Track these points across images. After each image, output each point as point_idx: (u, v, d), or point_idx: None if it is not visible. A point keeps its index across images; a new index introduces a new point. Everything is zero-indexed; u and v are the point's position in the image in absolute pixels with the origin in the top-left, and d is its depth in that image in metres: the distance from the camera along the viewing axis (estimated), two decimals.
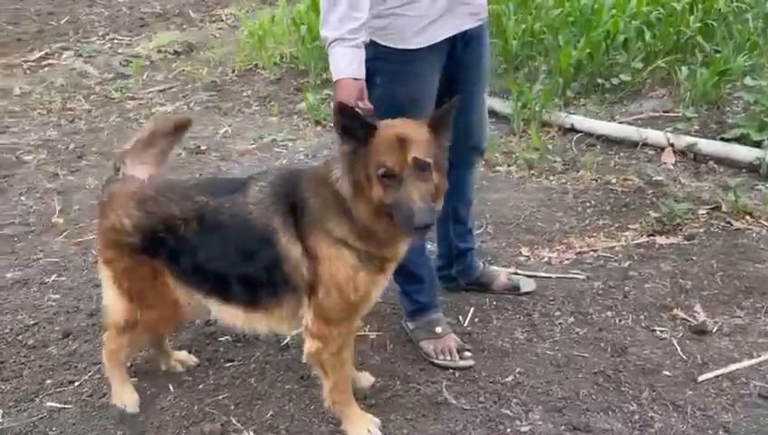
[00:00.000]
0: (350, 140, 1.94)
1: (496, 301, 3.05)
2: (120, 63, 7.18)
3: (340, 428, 2.33)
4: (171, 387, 2.57)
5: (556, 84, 5.39)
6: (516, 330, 2.86)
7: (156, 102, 6.14)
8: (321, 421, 2.37)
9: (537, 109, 5.00)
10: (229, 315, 2.29)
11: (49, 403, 2.49)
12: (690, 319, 2.87)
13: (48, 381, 2.60)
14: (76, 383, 2.58)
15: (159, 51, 7.51)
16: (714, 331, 2.80)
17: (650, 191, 3.99)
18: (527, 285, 3.09)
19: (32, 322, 2.97)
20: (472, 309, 2.99)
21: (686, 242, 3.47)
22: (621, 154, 4.59)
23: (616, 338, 2.78)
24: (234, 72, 6.91)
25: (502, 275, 3.10)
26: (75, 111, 6.01)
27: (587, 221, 3.77)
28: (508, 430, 2.33)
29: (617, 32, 5.53)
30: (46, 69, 7.12)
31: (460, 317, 2.95)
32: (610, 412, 2.40)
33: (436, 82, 2.41)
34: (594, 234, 3.63)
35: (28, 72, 7.07)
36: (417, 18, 2.24)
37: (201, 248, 2.17)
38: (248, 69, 6.90)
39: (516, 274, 3.22)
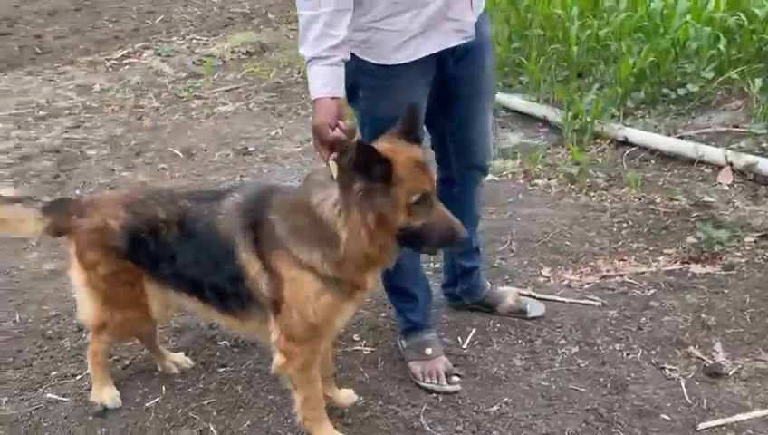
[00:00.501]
0: (364, 175, 1.87)
1: (501, 323, 2.95)
2: (194, 63, 7.46)
3: None
4: (163, 388, 2.65)
5: (615, 94, 5.14)
6: (515, 356, 2.75)
7: (219, 102, 6.33)
8: (295, 433, 2.37)
9: (589, 119, 4.78)
10: (211, 316, 2.35)
11: (49, 395, 2.62)
12: (706, 359, 2.67)
13: (53, 373, 2.74)
14: (77, 377, 2.71)
15: (233, 51, 7.75)
16: (729, 374, 2.58)
17: (695, 214, 3.73)
18: (535, 310, 2.97)
19: (54, 313, 3.13)
20: (474, 330, 2.91)
21: (722, 272, 3.22)
22: (675, 171, 4.32)
23: (619, 373, 2.62)
24: (299, 73, 7.03)
25: (509, 296, 2.99)
26: (144, 108, 6.30)
27: (620, 243, 3.57)
28: None
29: (686, 39, 5.21)
30: (126, 67, 7.51)
31: (460, 338, 2.87)
32: None
33: (421, 98, 2.35)
34: (625, 257, 3.44)
35: (110, 69, 7.48)
36: (397, 33, 2.19)
37: (179, 253, 2.22)
38: None
39: (530, 295, 3.10)
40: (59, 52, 8.18)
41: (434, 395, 2.55)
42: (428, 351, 2.64)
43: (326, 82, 2.03)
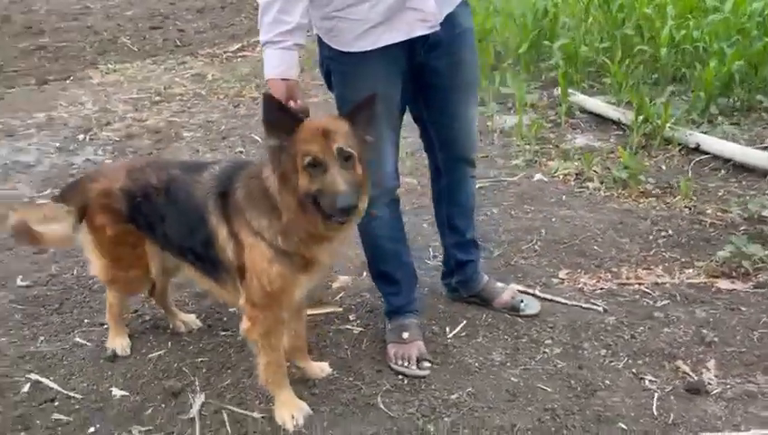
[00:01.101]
0: (277, 133, 2.05)
1: (493, 318, 2.96)
2: (301, 57, 7.88)
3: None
4: (169, 344, 2.94)
5: (697, 99, 4.86)
6: (495, 351, 2.77)
7: (309, 94, 6.67)
8: (263, 399, 2.56)
9: (659, 123, 4.57)
10: (198, 280, 2.59)
11: (77, 338, 3.00)
12: (692, 375, 2.54)
13: (86, 321, 3.13)
14: (105, 326, 3.07)
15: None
16: (712, 392, 2.45)
17: (743, 228, 3.49)
18: (531, 308, 2.95)
19: None
20: (464, 322, 2.95)
21: (750, 290, 3.02)
22: (743, 183, 4.06)
23: (593, 378, 2.56)
24: None
25: (506, 292, 2.99)
26: (244, 97, 6.78)
27: (652, 252, 3.43)
28: None
29: None
30: (239, 59, 8.10)
31: (448, 328, 2.92)
32: None
33: (390, 87, 2.42)
34: (651, 266, 3.31)
35: (224, 61, 8.11)
36: (357, 22, 2.28)
37: (166, 217, 2.47)
38: None
39: (532, 295, 3.08)
40: (196, 45, 8.99)
41: (400, 377, 2.63)
42: (405, 335, 2.72)
43: (277, 65, 2.19)
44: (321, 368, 2.68)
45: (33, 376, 2.74)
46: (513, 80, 5.41)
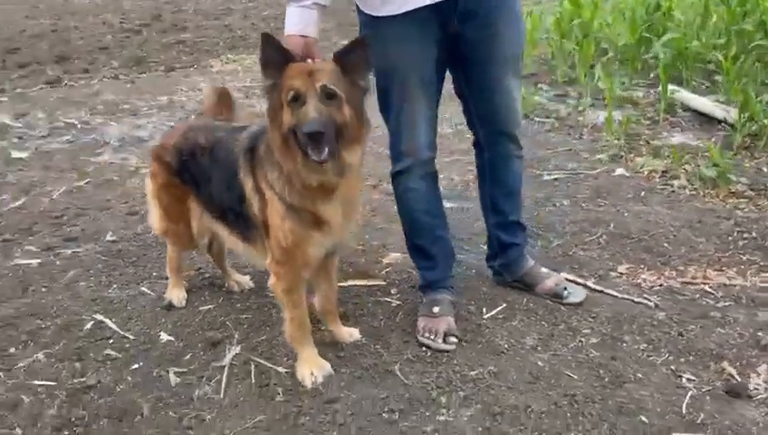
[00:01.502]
0: (271, 73, 2.14)
1: (534, 304, 2.88)
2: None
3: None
4: (220, 300, 3.12)
5: None
6: (529, 335, 2.69)
7: None
8: (292, 356, 2.65)
9: (766, 123, 4.21)
10: (232, 243, 2.73)
11: (143, 288, 3.26)
12: (736, 378, 2.33)
13: (155, 274, 3.38)
14: (168, 280, 3.31)
15: None
16: (755, 397, 2.24)
17: None
18: (575, 296, 2.84)
19: None
20: (503, 305, 2.89)
21: None
22: None
23: (624, 370, 2.43)
24: None
25: (551, 279, 2.89)
26: None
27: (727, 253, 3.18)
28: (426, 413, 2.30)
29: None
30: None
31: (485, 309, 2.87)
32: None
33: (421, 53, 2.41)
34: (723, 268, 3.07)
35: None
36: None
37: (208, 175, 2.63)
38: None
39: (582, 284, 2.96)
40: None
41: (424, 350, 2.63)
42: (436, 309, 2.71)
43: (297, 22, 2.28)
44: (350, 333, 2.73)
45: (98, 316, 3.01)
46: (604, 74, 5.18)
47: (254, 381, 2.53)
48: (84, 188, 4.62)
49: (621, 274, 3.10)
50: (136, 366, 2.66)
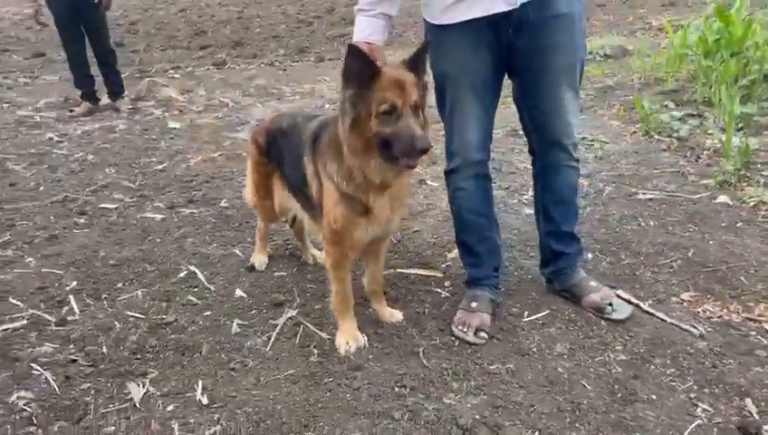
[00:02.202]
0: (354, 83, 2.31)
1: (576, 314, 2.91)
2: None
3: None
4: (294, 269, 3.48)
5: None
6: (561, 343, 2.74)
7: None
8: (336, 325, 2.92)
9: None
10: (305, 219, 3.05)
11: (235, 250, 3.71)
12: (755, 416, 2.26)
13: (249, 239, 3.80)
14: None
15: (590, 52, 7.97)
16: None
17: None
18: (618, 313, 2.84)
19: None
20: (546, 312, 2.95)
21: None
22: None
23: (639, 390, 2.43)
24: (640, 78, 6.94)
25: (598, 293, 2.90)
26: None
27: None
28: (434, 394, 2.46)
29: None
30: None
31: (527, 313, 2.96)
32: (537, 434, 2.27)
33: (474, 60, 2.54)
34: None
35: None
36: None
37: (285, 155, 2.95)
38: (656, 77, 6.83)
39: (631, 302, 2.94)
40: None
41: (453, 339, 2.78)
42: (474, 305, 2.85)
43: (363, 29, 2.51)
44: (391, 314, 2.94)
45: (192, 268, 3.49)
46: (726, 94, 4.88)
47: (297, 341, 2.83)
48: (216, 160, 5.23)
49: (683, 301, 3.02)
50: (208, 313, 3.07)
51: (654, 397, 2.39)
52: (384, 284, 3.01)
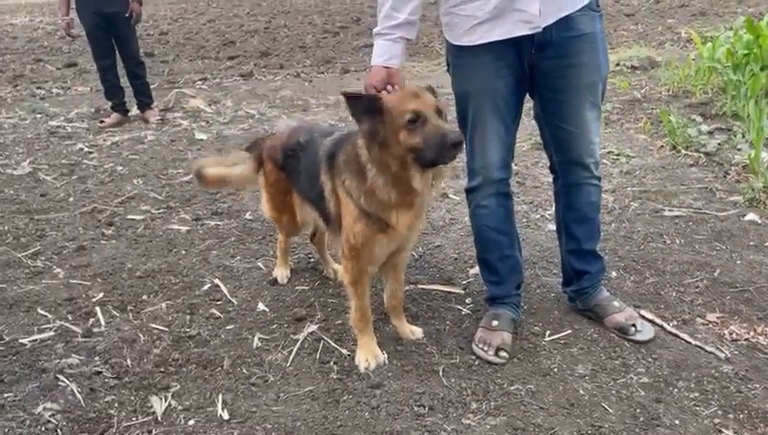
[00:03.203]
0: (366, 118, 2.35)
1: (599, 335, 2.88)
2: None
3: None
4: (316, 283, 3.50)
5: None
6: (582, 364, 2.71)
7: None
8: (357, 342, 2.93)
9: None
10: (326, 230, 3.06)
11: (258, 263, 3.73)
12: None
13: (271, 253, 3.84)
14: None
15: (618, 64, 7.91)
16: None
17: None
18: (642, 335, 2.81)
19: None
20: (568, 331, 2.93)
21: None
22: None
23: (663, 414, 2.39)
24: (668, 91, 6.86)
25: (621, 313, 2.87)
26: None
27: None
28: (453, 414, 2.45)
29: None
30: None
31: (549, 332, 2.93)
32: None
33: (496, 81, 2.54)
34: None
35: None
36: (466, 18, 2.47)
37: (302, 171, 2.96)
38: (684, 90, 6.75)
39: (653, 323, 2.91)
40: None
41: (474, 358, 2.77)
42: (494, 323, 2.84)
43: (382, 54, 2.52)
44: (412, 330, 2.94)
45: (216, 281, 3.53)
46: (753, 108, 4.79)
47: (318, 356, 2.85)
48: None
49: (708, 322, 2.98)
50: (230, 327, 3.11)
51: (677, 422, 2.36)
52: (403, 299, 3.00)
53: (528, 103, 2.79)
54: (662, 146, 5.20)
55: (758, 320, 2.97)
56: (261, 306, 3.28)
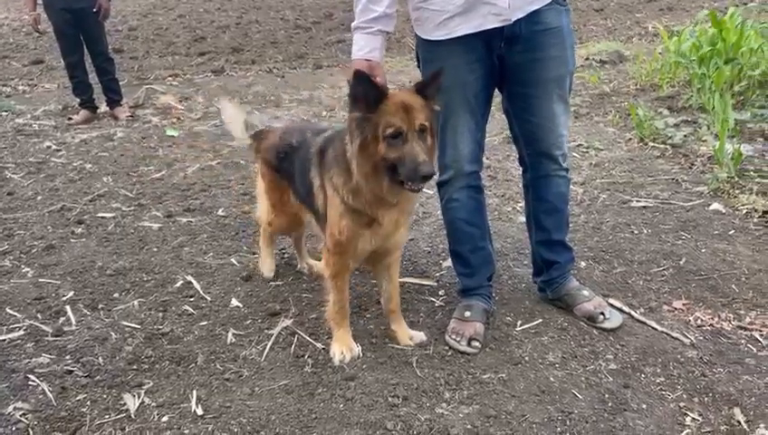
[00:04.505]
0: (361, 106, 2.34)
1: (569, 323, 2.94)
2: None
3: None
4: (290, 278, 3.50)
5: None
6: (552, 352, 2.77)
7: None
8: (331, 335, 2.94)
9: None
10: (317, 228, 3.05)
11: (232, 259, 3.72)
12: (743, 425, 2.29)
13: (245, 248, 3.84)
14: (255, 255, 3.73)
15: (587, 58, 8.01)
16: None
17: None
18: (610, 322, 2.87)
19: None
20: (539, 321, 2.98)
21: None
22: None
23: (630, 399, 2.45)
24: (636, 84, 6.98)
25: (590, 302, 2.93)
26: None
27: None
28: (427, 404, 2.48)
29: None
30: None
31: (520, 322, 2.98)
32: None
33: (466, 74, 2.57)
34: None
35: None
36: (436, 12, 2.50)
37: (295, 169, 2.96)
38: (652, 83, 6.86)
39: (620, 310, 2.97)
40: None
41: (447, 349, 2.81)
42: (467, 314, 2.87)
43: (362, 47, 2.53)
44: (410, 336, 2.88)
45: (189, 278, 3.51)
46: (718, 101, 4.91)
47: (292, 351, 2.86)
48: (214, 168, 5.27)
49: (675, 309, 3.05)
50: (204, 323, 3.10)
51: (644, 406, 2.42)
52: (399, 302, 2.98)
53: (497, 97, 2.83)
54: (630, 138, 5.30)
55: (722, 306, 3.05)
56: (234, 302, 3.28)
